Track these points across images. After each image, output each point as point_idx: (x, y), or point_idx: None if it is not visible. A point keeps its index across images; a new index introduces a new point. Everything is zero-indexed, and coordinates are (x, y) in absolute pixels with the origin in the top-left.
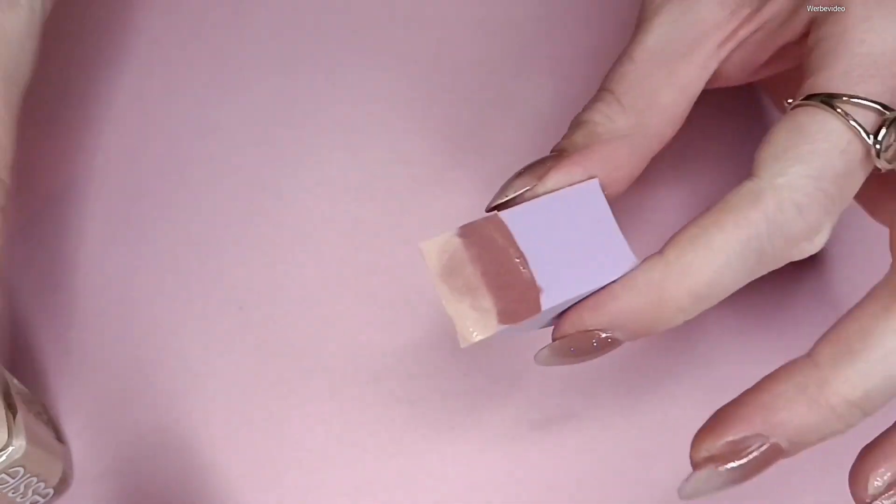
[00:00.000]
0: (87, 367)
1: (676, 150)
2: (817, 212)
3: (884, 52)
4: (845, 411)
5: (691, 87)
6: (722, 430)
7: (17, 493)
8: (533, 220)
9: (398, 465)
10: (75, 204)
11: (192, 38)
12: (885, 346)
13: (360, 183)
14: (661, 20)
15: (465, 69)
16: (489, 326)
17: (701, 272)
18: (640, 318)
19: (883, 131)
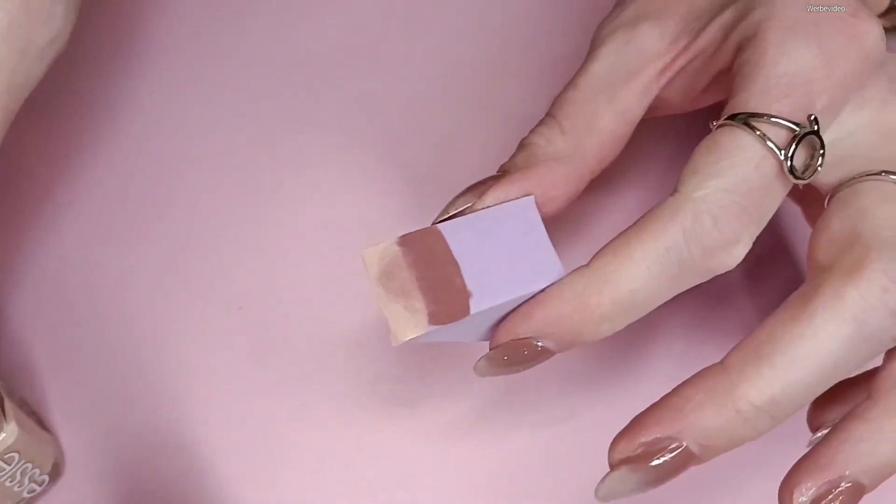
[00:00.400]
0: (87, 367)
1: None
2: (732, 223)
3: (796, 73)
4: (752, 416)
5: (631, 112)
6: (636, 433)
7: (14, 481)
8: (469, 232)
9: (398, 465)
10: (75, 203)
11: (192, 39)
12: (791, 352)
13: (360, 183)
14: (605, 50)
15: (464, 69)
16: (419, 326)
17: (622, 280)
18: (566, 326)
19: (793, 147)
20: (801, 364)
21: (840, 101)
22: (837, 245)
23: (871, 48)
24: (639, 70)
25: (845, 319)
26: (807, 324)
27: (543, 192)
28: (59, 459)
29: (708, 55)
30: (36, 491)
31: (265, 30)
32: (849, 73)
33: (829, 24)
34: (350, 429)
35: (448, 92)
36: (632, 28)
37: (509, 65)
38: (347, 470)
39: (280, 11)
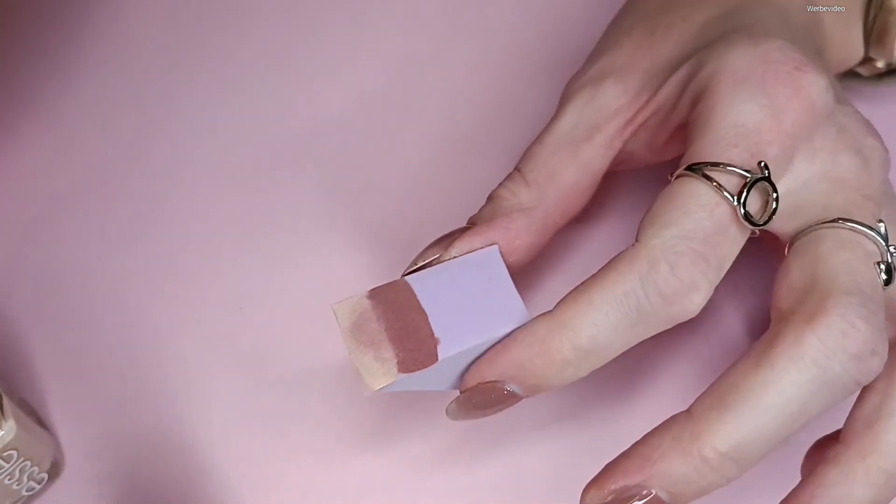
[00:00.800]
0: (86, 366)
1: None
2: (689, 269)
3: (744, 124)
4: (718, 463)
5: (594, 165)
6: (606, 481)
7: (14, 479)
8: (436, 282)
9: (398, 467)
10: (75, 203)
11: (192, 38)
12: (753, 399)
13: (360, 183)
14: (571, 106)
15: (465, 70)
16: (389, 374)
17: (581, 326)
18: (529, 370)
19: (745, 193)
20: (765, 410)
21: (790, 151)
22: (797, 292)
23: (816, 99)
24: (602, 125)
25: (806, 364)
26: (769, 370)
27: (507, 242)
28: (58, 458)
29: (666, 110)
30: (35, 489)
31: (266, 30)
32: (796, 123)
33: (775, 77)
34: (350, 429)
35: (450, 92)
36: (596, 84)
37: (510, 65)
38: (348, 468)
39: (280, 11)
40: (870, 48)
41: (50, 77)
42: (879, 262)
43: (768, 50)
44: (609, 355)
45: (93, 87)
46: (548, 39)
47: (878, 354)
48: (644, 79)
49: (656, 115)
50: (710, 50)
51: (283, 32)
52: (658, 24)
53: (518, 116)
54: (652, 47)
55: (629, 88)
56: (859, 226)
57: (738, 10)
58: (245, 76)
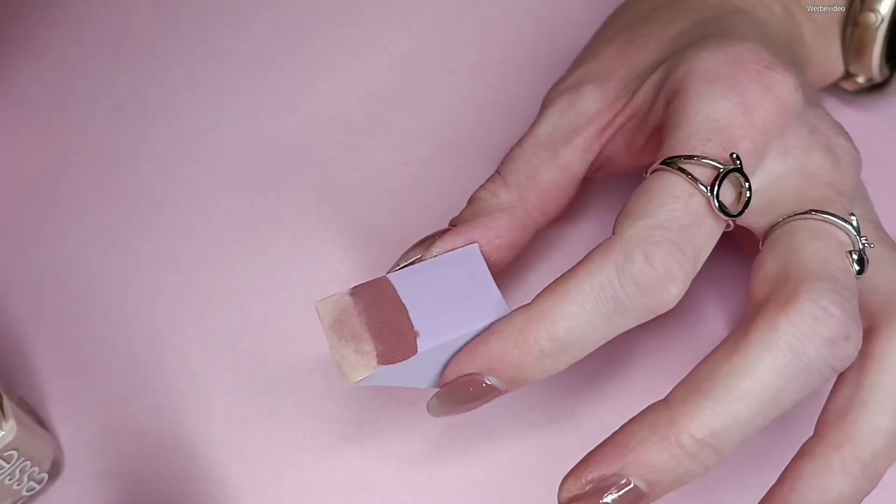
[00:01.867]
0: (86, 366)
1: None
2: (665, 259)
3: (716, 119)
4: (696, 450)
5: (573, 167)
6: (583, 471)
7: (14, 479)
8: (416, 279)
9: (398, 465)
10: (75, 203)
11: (192, 38)
12: (728, 385)
13: (360, 183)
14: (550, 111)
15: (465, 69)
16: (368, 367)
17: (558, 317)
18: (508, 362)
19: (717, 184)
20: (740, 397)
21: (762, 147)
22: (771, 282)
23: (786, 98)
24: (580, 129)
25: (780, 349)
26: (743, 356)
27: (488, 241)
28: (58, 458)
29: (643, 113)
30: (35, 489)
31: (266, 30)
32: (768, 120)
33: (746, 75)
34: (350, 429)
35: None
36: (575, 91)
37: (510, 64)
38: (348, 468)
39: (280, 11)
40: (849, 64)
41: (51, 77)
42: (851, 251)
43: (739, 51)
44: (587, 347)
45: (93, 86)
46: (548, 39)
47: (852, 340)
48: (622, 85)
49: (633, 118)
50: (682, 54)
51: (283, 32)
52: (637, 34)
53: (518, 116)
54: (629, 55)
55: (608, 94)
56: (832, 216)
57: (715, 19)
58: (246, 76)
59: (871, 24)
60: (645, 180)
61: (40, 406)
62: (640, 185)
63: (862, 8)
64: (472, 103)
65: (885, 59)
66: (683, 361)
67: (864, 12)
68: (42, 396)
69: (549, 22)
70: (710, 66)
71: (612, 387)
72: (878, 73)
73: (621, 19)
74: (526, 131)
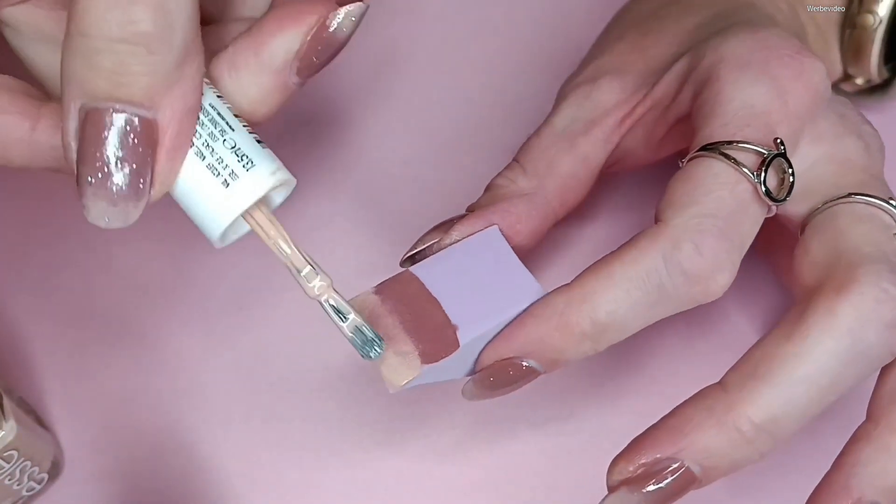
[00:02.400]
0: (86, 366)
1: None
2: (715, 248)
3: (753, 105)
4: (753, 435)
5: (592, 158)
6: (635, 454)
7: (14, 479)
8: (441, 269)
9: (398, 465)
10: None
11: None
12: (787, 370)
13: (360, 183)
14: (567, 103)
15: (466, 69)
16: (413, 367)
17: (601, 301)
18: (548, 344)
19: (764, 169)
20: (799, 381)
21: (798, 132)
22: (822, 266)
23: (818, 83)
24: (598, 120)
25: (841, 334)
26: (801, 341)
27: (509, 226)
28: (58, 458)
29: (665, 104)
30: (35, 489)
31: None
32: (801, 105)
33: (777, 60)
34: (350, 429)
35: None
36: (592, 83)
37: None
38: (347, 470)
39: None
40: (847, 66)
41: None
42: None
43: (767, 36)
44: (626, 332)
45: None
46: (548, 38)
47: None
48: (639, 77)
49: (654, 110)
50: (706, 43)
51: None
52: (650, 29)
53: (519, 115)
54: (645, 49)
55: (625, 86)
56: (874, 199)
57: (729, 13)
58: None
59: (869, 26)
60: (686, 166)
61: (40, 406)
62: (679, 173)
63: (860, 10)
64: (473, 103)
65: (883, 60)
66: (682, 362)
67: (863, 14)
68: (42, 396)
69: (550, 22)
70: (740, 53)
71: (613, 387)
72: (876, 75)
73: (628, 17)
74: (541, 123)
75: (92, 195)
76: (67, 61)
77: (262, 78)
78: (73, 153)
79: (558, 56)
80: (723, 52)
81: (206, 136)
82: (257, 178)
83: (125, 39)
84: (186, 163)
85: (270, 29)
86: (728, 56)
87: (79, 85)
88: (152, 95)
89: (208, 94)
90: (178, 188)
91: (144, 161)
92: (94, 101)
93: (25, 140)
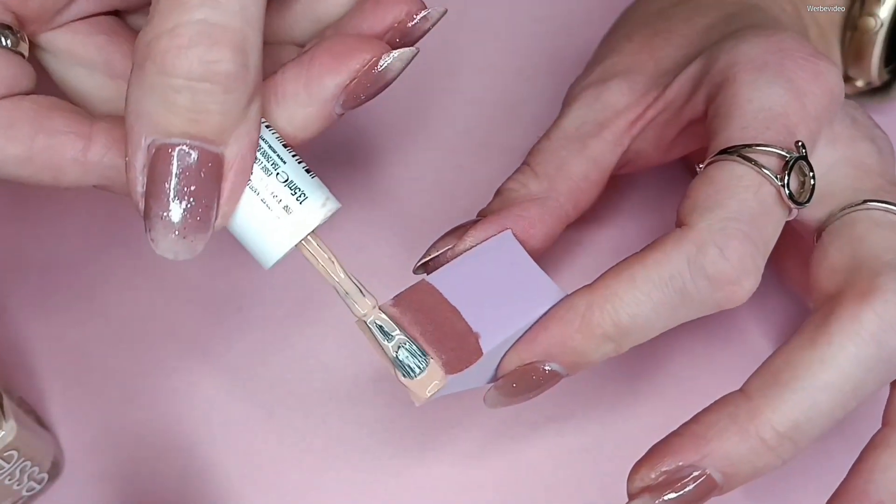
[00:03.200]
0: (86, 366)
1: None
2: (740, 252)
3: (771, 107)
4: (776, 443)
5: (603, 160)
6: (657, 461)
7: (14, 479)
8: (457, 277)
9: (398, 464)
10: (75, 203)
11: None
12: (811, 376)
13: (360, 183)
14: (577, 105)
15: (466, 70)
16: (438, 378)
17: (623, 303)
18: (570, 346)
19: (787, 172)
20: (822, 387)
21: (815, 134)
22: (841, 272)
23: (834, 85)
24: (609, 122)
25: (864, 340)
26: (826, 347)
27: (522, 230)
28: (58, 458)
29: (677, 106)
30: (35, 489)
31: None
32: (819, 107)
33: (793, 63)
34: (350, 429)
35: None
36: (602, 85)
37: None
38: (347, 470)
39: None
40: (848, 67)
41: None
42: None
43: (782, 38)
44: (649, 334)
45: None
46: (549, 39)
47: None
48: (650, 79)
49: (665, 112)
50: (719, 45)
51: None
52: (658, 29)
53: (519, 116)
54: (654, 50)
55: (636, 87)
56: (893, 205)
57: (738, 14)
58: None
59: (870, 29)
60: (705, 171)
61: (40, 406)
62: (700, 176)
63: (861, 13)
64: (473, 103)
65: (883, 63)
66: (682, 364)
67: (864, 17)
68: (42, 396)
69: (551, 23)
70: (755, 55)
71: (613, 388)
72: (876, 78)
73: (635, 17)
74: (551, 126)
75: (162, 229)
76: (138, 97)
77: (309, 108)
78: (140, 187)
79: (561, 56)
80: (738, 55)
81: (261, 170)
82: (310, 210)
83: (206, 78)
84: (243, 196)
85: (324, 63)
86: (743, 59)
87: (150, 121)
88: (223, 132)
89: (261, 126)
90: (234, 220)
91: (212, 195)
92: (166, 137)
93: (79, 160)
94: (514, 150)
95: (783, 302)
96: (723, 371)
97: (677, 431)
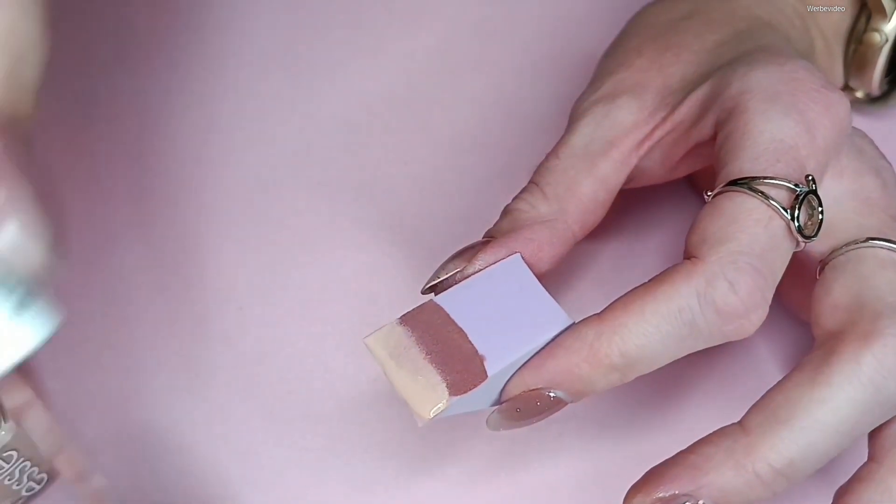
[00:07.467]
0: (86, 365)
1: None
2: (750, 286)
3: (783, 139)
4: (770, 479)
5: (611, 179)
6: (652, 487)
7: (13, 479)
8: (465, 298)
9: (398, 464)
10: (75, 203)
11: (192, 38)
12: (809, 416)
13: (360, 183)
14: (584, 122)
15: (465, 69)
16: (442, 399)
17: (631, 334)
18: (576, 375)
19: (797, 206)
20: (819, 427)
21: (823, 167)
22: (843, 311)
23: (843, 118)
24: (618, 140)
25: (863, 384)
26: (825, 388)
27: (531, 254)
28: None
29: (685, 127)
30: (35, 490)
31: (268, 30)
32: (828, 140)
33: (805, 94)
34: (350, 429)
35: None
36: (610, 102)
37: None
38: (347, 470)
39: (282, 11)
40: (850, 79)
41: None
42: None
43: (794, 68)
44: (655, 365)
45: (94, 85)
46: (550, 40)
47: None
48: (658, 97)
49: (673, 132)
50: (732, 69)
51: (285, 32)
52: (669, 44)
53: (519, 117)
54: (664, 66)
55: (644, 105)
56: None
57: (749, 32)
58: (246, 76)
59: (875, 44)
60: (713, 202)
61: None
62: (708, 208)
63: (867, 27)
64: (473, 103)
65: (884, 75)
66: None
67: (869, 32)
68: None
69: (551, 22)
70: (766, 85)
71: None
72: (877, 89)
73: (644, 29)
74: (558, 141)
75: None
76: None
77: None
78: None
79: (561, 57)
80: (750, 83)
81: None
82: None
83: None
84: None
85: None
86: (756, 87)
87: None
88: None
89: None
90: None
91: None
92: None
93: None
94: (514, 150)
95: (788, 321)
96: (726, 383)
97: (674, 460)
